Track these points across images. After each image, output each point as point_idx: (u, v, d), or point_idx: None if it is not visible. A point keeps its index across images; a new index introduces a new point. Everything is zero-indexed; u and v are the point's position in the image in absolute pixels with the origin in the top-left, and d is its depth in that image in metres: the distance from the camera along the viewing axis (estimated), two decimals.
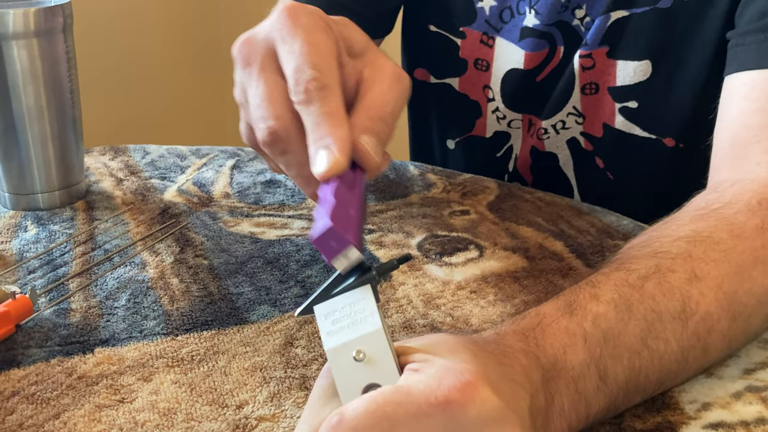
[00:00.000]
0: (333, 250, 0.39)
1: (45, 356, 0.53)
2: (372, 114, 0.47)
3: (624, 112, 0.78)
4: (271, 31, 0.48)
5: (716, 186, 0.57)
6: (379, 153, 0.46)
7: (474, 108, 0.87)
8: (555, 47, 0.79)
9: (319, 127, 0.45)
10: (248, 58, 0.49)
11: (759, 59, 0.60)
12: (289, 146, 0.47)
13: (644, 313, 0.46)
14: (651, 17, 0.73)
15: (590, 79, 0.78)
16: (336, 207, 0.41)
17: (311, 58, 0.46)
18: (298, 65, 0.46)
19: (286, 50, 0.47)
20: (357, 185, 0.45)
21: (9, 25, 0.69)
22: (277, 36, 0.48)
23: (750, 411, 0.47)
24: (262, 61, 0.48)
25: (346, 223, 0.41)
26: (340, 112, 0.45)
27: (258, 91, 0.48)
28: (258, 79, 0.48)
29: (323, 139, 0.44)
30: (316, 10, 0.49)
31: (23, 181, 0.75)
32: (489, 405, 0.35)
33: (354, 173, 0.46)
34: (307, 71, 0.45)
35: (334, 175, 0.44)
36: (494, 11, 0.81)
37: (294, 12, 0.48)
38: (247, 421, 0.47)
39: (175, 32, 2.28)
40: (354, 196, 0.44)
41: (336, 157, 0.44)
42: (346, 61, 0.49)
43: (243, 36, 0.50)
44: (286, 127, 0.47)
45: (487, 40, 0.82)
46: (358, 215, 0.43)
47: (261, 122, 0.47)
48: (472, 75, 0.85)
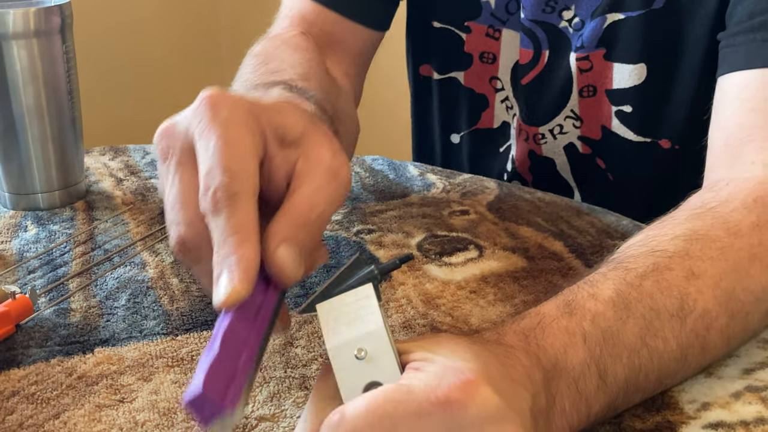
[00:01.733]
0: (206, 415, 0.36)
1: (45, 356, 0.53)
2: (296, 219, 0.41)
3: (619, 116, 0.78)
4: (191, 123, 0.43)
5: (712, 185, 0.57)
6: (297, 266, 0.41)
7: (480, 100, 0.88)
8: (540, 51, 0.80)
9: (223, 243, 0.39)
10: (165, 151, 0.44)
11: (749, 59, 0.61)
12: (200, 256, 0.42)
13: (643, 312, 0.46)
14: (645, 20, 0.73)
15: (588, 82, 0.78)
16: (217, 360, 0.37)
17: (224, 160, 0.40)
18: (209, 168, 0.41)
19: (201, 147, 0.42)
20: (264, 308, 0.41)
21: (9, 25, 0.69)
22: (195, 129, 0.42)
23: (749, 411, 0.47)
24: (179, 156, 0.43)
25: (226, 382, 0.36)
26: (248, 225, 0.40)
27: (172, 191, 0.43)
28: (174, 176, 0.43)
29: (225, 260, 0.39)
30: (240, 99, 0.43)
31: (23, 181, 0.75)
32: (489, 404, 0.35)
33: (266, 290, 0.41)
34: (217, 177, 0.40)
35: (233, 305, 0.38)
36: (500, 4, 0.81)
37: (215, 103, 0.42)
38: (247, 421, 0.47)
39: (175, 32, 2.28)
40: (253, 331, 0.39)
41: (234, 285, 0.38)
42: (274, 153, 0.43)
43: (163, 125, 0.45)
44: (197, 235, 0.41)
45: (493, 33, 0.82)
46: (249, 361, 0.38)
47: (173, 227, 0.42)
48: (477, 68, 0.86)
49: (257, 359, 0.39)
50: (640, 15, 0.73)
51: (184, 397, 0.36)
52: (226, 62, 2.39)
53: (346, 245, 0.68)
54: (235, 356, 0.37)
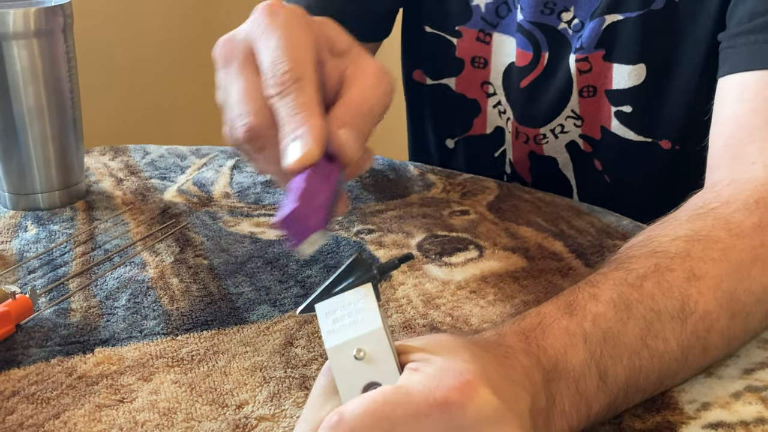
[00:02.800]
0: (299, 233, 0.39)
1: (45, 356, 0.53)
2: (351, 109, 0.46)
3: (619, 116, 0.78)
4: (249, 31, 0.48)
5: (713, 186, 0.57)
6: (358, 147, 0.46)
7: (472, 107, 0.87)
8: (539, 53, 0.79)
9: (292, 118, 0.44)
10: (228, 57, 0.48)
11: (750, 61, 0.61)
12: (267, 142, 0.47)
13: (643, 313, 0.46)
14: (645, 20, 0.73)
15: (588, 82, 0.78)
16: (304, 192, 0.40)
17: (287, 51, 0.45)
18: (274, 59, 0.45)
19: (263, 46, 0.47)
20: (331, 178, 0.45)
21: (9, 25, 0.69)
22: (255, 34, 0.47)
23: (749, 411, 0.47)
24: (241, 60, 0.48)
25: (313, 208, 0.40)
26: (314, 103, 0.45)
27: (236, 89, 0.47)
28: (237, 77, 0.47)
29: (296, 131, 0.44)
30: (295, 8, 0.48)
31: (23, 181, 0.75)
32: (488, 405, 0.35)
33: (330, 166, 0.45)
34: (282, 64, 0.45)
35: (307, 166, 0.43)
36: (490, 8, 0.81)
37: (272, 10, 0.47)
38: (247, 420, 0.47)
39: (175, 32, 2.28)
40: (326, 186, 0.43)
41: (308, 146, 0.43)
42: (327, 58, 0.48)
43: (223, 37, 0.49)
44: (264, 123, 0.46)
45: (483, 37, 0.82)
46: (327, 204, 0.42)
47: (239, 119, 0.47)
48: (468, 74, 0.85)
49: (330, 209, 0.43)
50: (640, 15, 0.73)
51: (277, 216, 0.39)
52: None
53: (346, 245, 0.68)
54: (316, 196, 0.41)
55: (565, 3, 0.76)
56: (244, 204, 0.77)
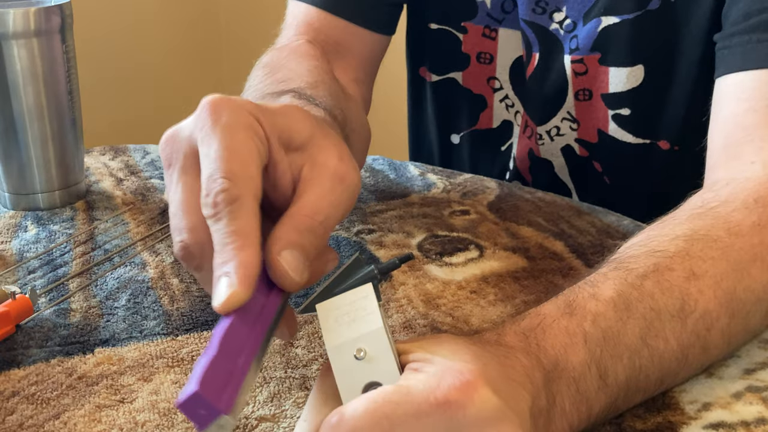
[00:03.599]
0: (202, 417, 0.35)
1: (45, 356, 0.53)
2: (299, 224, 0.41)
3: (617, 119, 0.78)
4: (193, 129, 0.43)
5: (712, 185, 0.57)
6: (300, 271, 0.41)
7: (478, 101, 0.88)
8: (530, 53, 0.79)
9: (222, 248, 0.39)
10: (169, 159, 0.44)
11: (745, 61, 0.61)
12: (203, 261, 0.42)
13: (643, 312, 0.46)
14: (642, 21, 0.73)
15: (583, 86, 0.78)
16: (214, 362, 0.36)
17: (225, 164, 0.40)
18: (210, 173, 0.40)
19: (203, 153, 0.42)
20: (266, 312, 0.40)
21: (9, 25, 0.69)
22: (197, 135, 0.42)
23: (750, 411, 0.47)
24: (182, 163, 0.43)
25: (222, 383, 0.36)
26: (248, 230, 0.39)
27: (175, 198, 0.43)
28: (177, 183, 0.43)
29: (225, 265, 0.39)
30: (243, 104, 0.43)
31: (23, 181, 0.75)
32: (488, 405, 0.35)
33: (268, 294, 0.41)
34: (218, 181, 0.40)
35: (233, 309, 0.38)
36: (496, 4, 0.81)
37: (216, 108, 0.42)
38: (248, 421, 0.47)
39: (175, 32, 2.28)
40: (252, 333, 0.39)
41: (234, 288, 0.38)
42: (280, 157, 0.43)
43: (166, 133, 0.45)
44: (200, 242, 0.41)
45: (489, 33, 0.82)
46: (246, 366, 0.37)
47: (176, 233, 0.42)
48: (474, 69, 0.85)
49: (256, 363, 0.38)
50: (636, 17, 0.73)
51: (179, 398, 0.35)
52: (226, 62, 2.39)
53: (346, 245, 0.68)
54: (234, 358, 0.37)
55: (557, 3, 0.76)
56: None
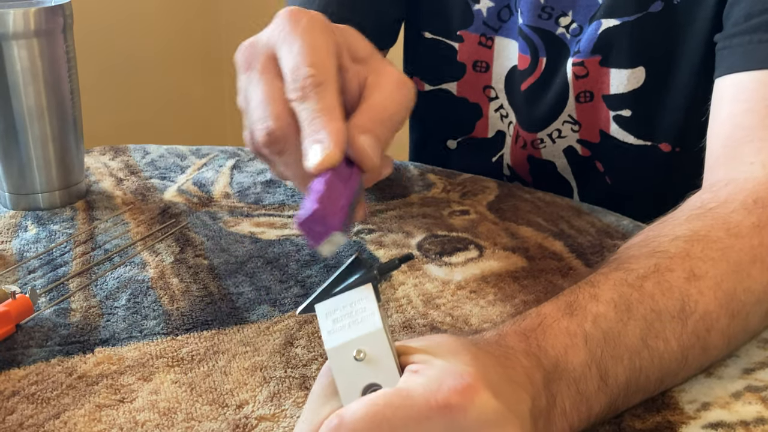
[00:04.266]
0: (318, 234, 0.39)
1: (45, 356, 0.53)
2: (372, 116, 0.47)
3: (618, 120, 0.78)
4: (272, 35, 0.48)
5: (711, 186, 0.57)
6: (378, 154, 0.46)
7: (474, 110, 0.87)
8: (537, 58, 0.79)
9: (313, 122, 0.44)
10: (250, 61, 0.49)
11: (745, 61, 0.61)
12: (287, 146, 0.47)
13: (644, 313, 0.46)
14: (644, 23, 0.73)
15: (584, 88, 0.78)
16: (325, 193, 0.41)
17: (308, 57, 0.46)
18: (296, 64, 0.46)
19: (285, 51, 0.47)
20: (351, 182, 0.45)
21: (9, 25, 0.69)
22: (277, 39, 0.48)
23: (749, 411, 0.47)
24: (263, 64, 0.48)
25: (333, 210, 0.41)
26: (335, 108, 0.45)
27: (257, 93, 0.48)
28: (258, 81, 0.48)
29: (317, 134, 0.44)
30: (317, 14, 0.49)
31: (23, 180, 0.75)
32: (489, 408, 0.35)
33: (350, 171, 0.46)
34: (304, 69, 0.45)
35: (327, 168, 0.43)
36: (492, 12, 0.81)
37: (295, 15, 0.48)
38: (247, 420, 0.47)
39: (175, 32, 2.28)
40: (346, 190, 0.44)
41: (329, 149, 0.43)
42: (348, 65, 0.49)
43: (245, 42, 0.50)
44: (284, 127, 0.46)
45: (485, 41, 0.82)
46: (346, 206, 0.43)
47: (259, 123, 0.47)
48: (470, 78, 0.85)
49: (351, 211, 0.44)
50: (638, 18, 0.72)
51: (297, 217, 0.39)
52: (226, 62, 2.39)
53: (346, 245, 0.68)
54: (337, 197, 0.42)
55: (563, 8, 0.76)
56: (244, 204, 0.77)
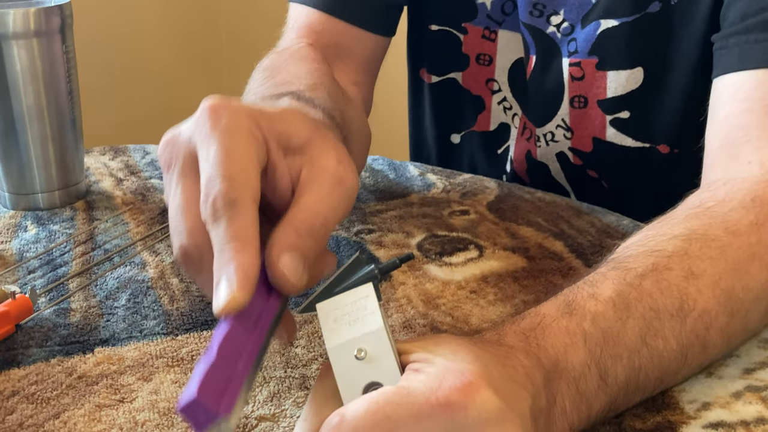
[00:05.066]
0: (201, 422, 0.35)
1: (45, 356, 0.53)
2: (299, 227, 0.41)
3: (615, 123, 0.78)
4: (192, 132, 0.43)
5: (709, 185, 0.57)
6: (300, 275, 0.41)
7: (476, 103, 0.88)
8: (528, 56, 0.79)
9: (222, 251, 0.39)
10: (168, 161, 0.44)
11: (742, 61, 0.61)
12: (202, 266, 0.42)
13: (643, 312, 0.46)
14: (641, 24, 0.73)
15: (579, 92, 0.77)
16: (213, 367, 0.36)
17: (223, 167, 0.40)
18: (209, 176, 0.41)
19: (202, 156, 0.42)
20: (265, 315, 0.40)
21: (9, 25, 0.69)
22: (197, 138, 0.42)
23: (750, 411, 0.47)
24: (182, 166, 0.43)
25: (221, 388, 0.36)
26: (247, 234, 0.39)
27: (174, 201, 0.43)
28: (176, 186, 0.43)
29: (224, 267, 0.39)
30: (242, 108, 0.43)
31: (23, 180, 0.75)
32: (489, 406, 0.35)
33: (267, 297, 0.41)
34: (216, 184, 0.40)
35: (231, 312, 0.38)
36: (496, 5, 0.81)
37: (215, 111, 0.42)
38: (247, 420, 0.47)
39: (175, 32, 2.28)
40: (251, 339, 0.39)
41: (233, 293, 0.38)
42: (278, 160, 0.43)
43: (166, 136, 0.45)
44: (198, 245, 0.41)
45: (489, 34, 0.82)
46: (246, 368, 0.38)
47: (174, 236, 0.42)
48: (474, 70, 0.86)
49: (255, 366, 0.39)
50: (636, 19, 0.73)
51: (179, 403, 0.35)
52: (226, 62, 2.39)
53: (346, 245, 0.68)
54: (232, 363, 0.37)
55: (554, 6, 0.76)
56: None
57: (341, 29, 0.79)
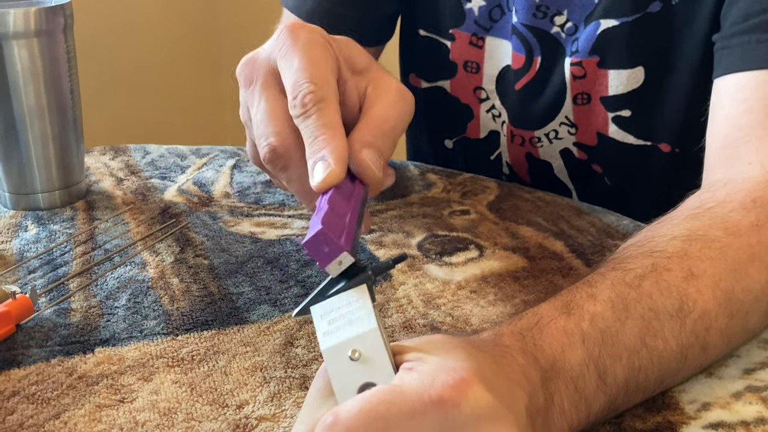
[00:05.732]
0: (325, 255, 0.39)
1: (45, 356, 0.53)
2: (373, 129, 0.48)
3: (617, 121, 0.78)
4: (272, 50, 0.49)
5: (709, 186, 0.57)
6: (380, 167, 0.47)
7: (465, 111, 0.87)
8: (532, 57, 0.79)
9: (315, 140, 0.45)
10: (251, 76, 0.50)
11: (744, 61, 0.61)
12: (289, 162, 0.48)
13: (642, 312, 0.46)
14: (642, 23, 0.73)
15: (582, 89, 0.77)
16: (329, 213, 0.41)
17: (309, 72, 0.46)
18: (296, 80, 0.46)
19: (285, 66, 0.48)
20: (355, 197, 0.46)
21: (9, 25, 0.69)
22: (277, 54, 0.49)
23: (750, 411, 0.47)
24: (264, 79, 0.49)
25: (338, 229, 0.41)
26: (336, 124, 0.46)
27: (260, 109, 0.48)
28: (260, 96, 0.49)
29: (320, 152, 0.45)
30: (316, 29, 0.50)
31: (23, 180, 0.75)
32: (483, 402, 0.35)
33: (353, 186, 0.46)
34: (304, 85, 0.46)
35: (331, 186, 0.44)
36: (483, 11, 0.80)
37: (294, 30, 0.49)
38: (248, 420, 0.47)
39: (175, 32, 2.28)
40: (350, 206, 0.44)
41: (332, 167, 0.44)
42: (348, 77, 0.49)
43: (246, 57, 0.51)
44: (286, 143, 0.47)
45: (476, 41, 0.82)
46: (352, 223, 0.43)
47: (262, 139, 0.48)
48: (462, 78, 0.85)
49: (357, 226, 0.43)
50: (636, 19, 0.72)
51: (304, 238, 0.39)
52: (226, 62, 2.39)
53: None
54: (342, 214, 0.42)
55: (558, 6, 0.76)
56: (244, 204, 0.77)
57: None
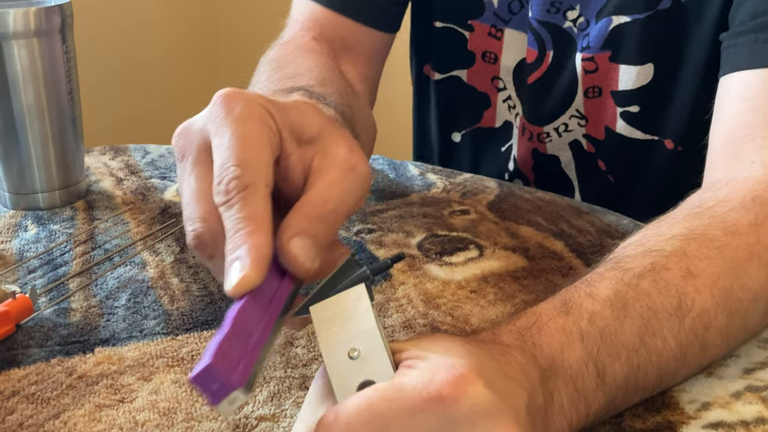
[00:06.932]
0: (214, 392, 0.35)
1: (45, 356, 0.53)
2: (310, 212, 0.42)
3: (625, 116, 0.78)
4: (206, 122, 0.44)
5: (711, 185, 0.57)
6: (311, 257, 0.41)
7: (482, 99, 0.88)
8: (544, 52, 0.80)
9: (235, 234, 0.40)
10: (183, 150, 0.44)
11: (751, 60, 0.61)
12: (215, 251, 0.42)
13: (640, 311, 0.46)
14: (653, 20, 0.73)
15: (593, 83, 0.78)
16: (228, 338, 0.36)
17: (236, 152, 0.41)
18: (223, 162, 0.41)
19: (216, 143, 0.43)
20: (278, 298, 0.41)
21: (9, 25, 0.69)
22: (210, 127, 0.43)
23: (750, 411, 0.47)
24: (195, 156, 0.44)
25: (234, 360, 0.36)
26: (260, 216, 0.40)
27: (188, 188, 0.43)
28: (190, 174, 0.44)
29: (237, 250, 0.39)
30: (254, 98, 0.44)
31: (23, 180, 0.75)
32: (482, 399, 0.35)
33: (280, 281, 0.41)
34: (230, 169, 0.41)
35: (245, 291, 0.39)
36: (503, 4, 0.81)
37: (228, 100, 0.43)
38: (247, 420, 0.47)
39: (175, 32, 2.28)
40: (265, 316, 0.39)
41: (246, 271, 0.39)
42: (292, 150, 0.44)
43: (180, 126, 0.46)
44: (213, 230, 0.42)
45: (495, 32, 0.82)
46: (260, 343, 0.38)
47: (188, 223, 0.43)
48: (480, 67, 0.86)
49: (266, 346, 0.39)
50: (647, 16, 0.73)
51: (192, 372, 0.35)
52: (226, 62, 2.39)
53: (346, 245, 0.68)
54: (245, 338, 0.37)
55: (571, 2, 0.76)
56: None
57: (347, 26, 0.79)
